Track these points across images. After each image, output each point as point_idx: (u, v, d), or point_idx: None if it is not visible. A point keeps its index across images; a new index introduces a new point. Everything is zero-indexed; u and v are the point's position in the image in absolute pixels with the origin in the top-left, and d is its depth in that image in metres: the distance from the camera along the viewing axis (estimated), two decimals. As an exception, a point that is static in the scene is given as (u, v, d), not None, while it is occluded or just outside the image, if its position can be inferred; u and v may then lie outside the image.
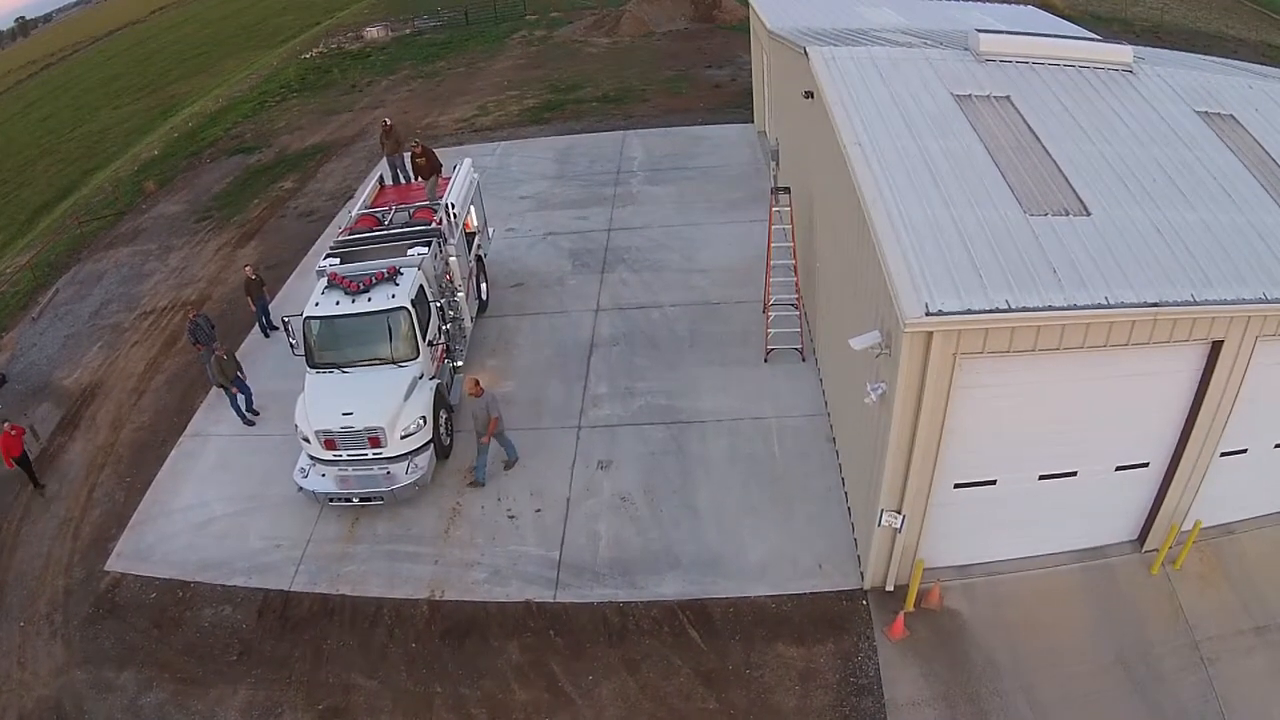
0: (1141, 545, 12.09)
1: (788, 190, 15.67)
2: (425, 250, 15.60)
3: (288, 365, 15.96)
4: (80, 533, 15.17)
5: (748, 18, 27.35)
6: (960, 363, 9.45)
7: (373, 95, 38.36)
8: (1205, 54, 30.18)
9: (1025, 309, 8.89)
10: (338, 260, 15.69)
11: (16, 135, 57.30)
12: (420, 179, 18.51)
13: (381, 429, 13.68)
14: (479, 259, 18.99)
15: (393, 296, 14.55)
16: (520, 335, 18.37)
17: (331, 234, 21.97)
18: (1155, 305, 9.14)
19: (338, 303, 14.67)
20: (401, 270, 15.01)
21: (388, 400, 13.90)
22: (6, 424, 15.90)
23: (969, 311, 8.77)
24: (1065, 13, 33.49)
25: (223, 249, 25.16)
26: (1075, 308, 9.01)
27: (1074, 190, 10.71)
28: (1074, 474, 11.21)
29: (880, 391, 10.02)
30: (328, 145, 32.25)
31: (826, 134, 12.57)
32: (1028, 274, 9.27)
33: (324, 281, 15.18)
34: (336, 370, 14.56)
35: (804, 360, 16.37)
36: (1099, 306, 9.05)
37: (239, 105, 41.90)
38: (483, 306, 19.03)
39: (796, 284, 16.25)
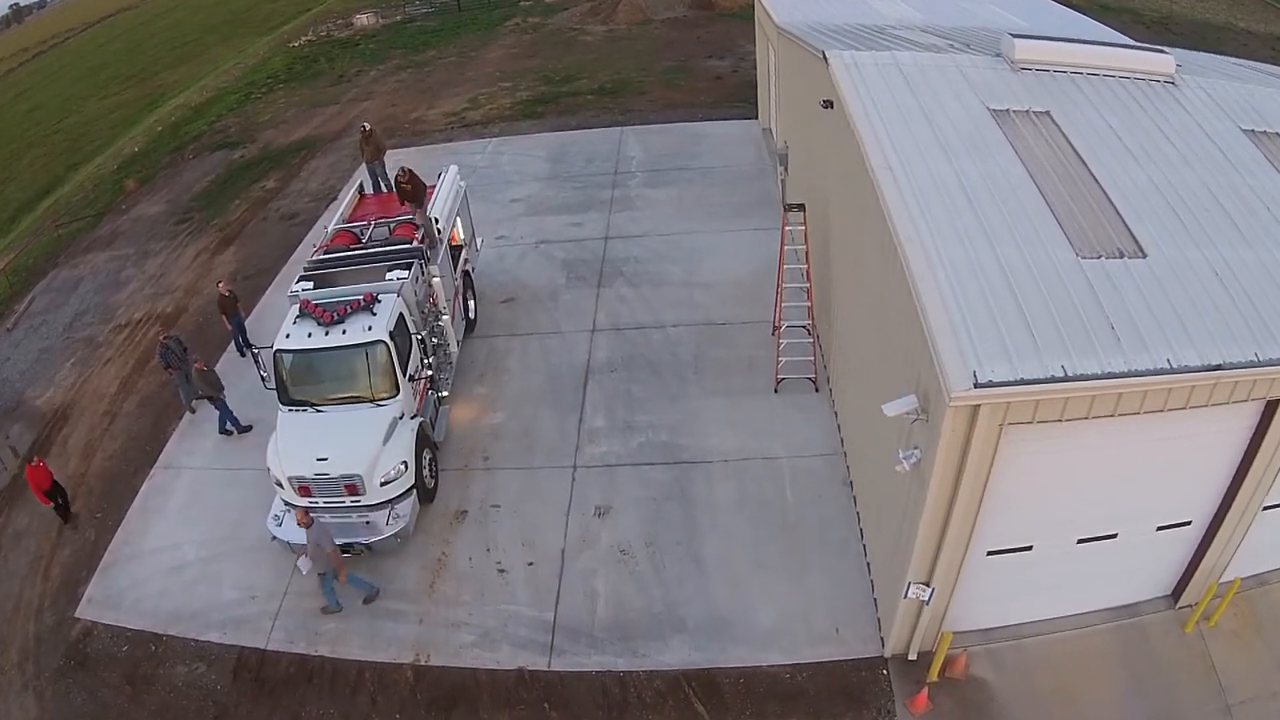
0: (1176, 601, 11.30)
1: (802, 207, 14.41)
2: (406, 274, 14.39)
3: (265, 390, 14.87)
4: (51, 573, 14.37)
5: (750, 4, 26.07)
6: (1007, 431, 8.36)
7: (361, 86, 36.98)
8: (1216, 47, 29.13)
9: (1083, 377, 7.79)
10: (310, 284, 14.50)
11: (5, 127, 55.86)
12: (406, 204, 17.13)
13: (359, 477, 12.60)
14: (466, 274, 17.80)
15: (369, 329, 13.37)
16: (510, 358, 17.23)
17: (313, 239, 20.83)
18: (1218, 368, 8.10)
19: (310, 334, 13.50)
20: (379, 297, 13.82)
21: (365, 444, 12.81)
22: (35, 458, 15.10)
23: (1022, 381, 7.67)
24: (1072, 1, 32.17)
25: (201, 255, 24.03)
26: (1136, 374, 7.93)
27: (1126, 225, 9.59)
28: (1113, 536, 10.32)
29: (914, 460, 8.91)
30: (313, 141, 31.00)
31: (849, 150, 11.45)
32: (1084, 332, 8.17)
33: (295, 309, 14.00)
34: (310, 409, 13.45)
35: (817, 391, 15.23)
36: (1161, 372, 7.99)
37: (225, 96, 40.55)
38: (470, 326, 17.86)
39: (810, 308, 15.07)
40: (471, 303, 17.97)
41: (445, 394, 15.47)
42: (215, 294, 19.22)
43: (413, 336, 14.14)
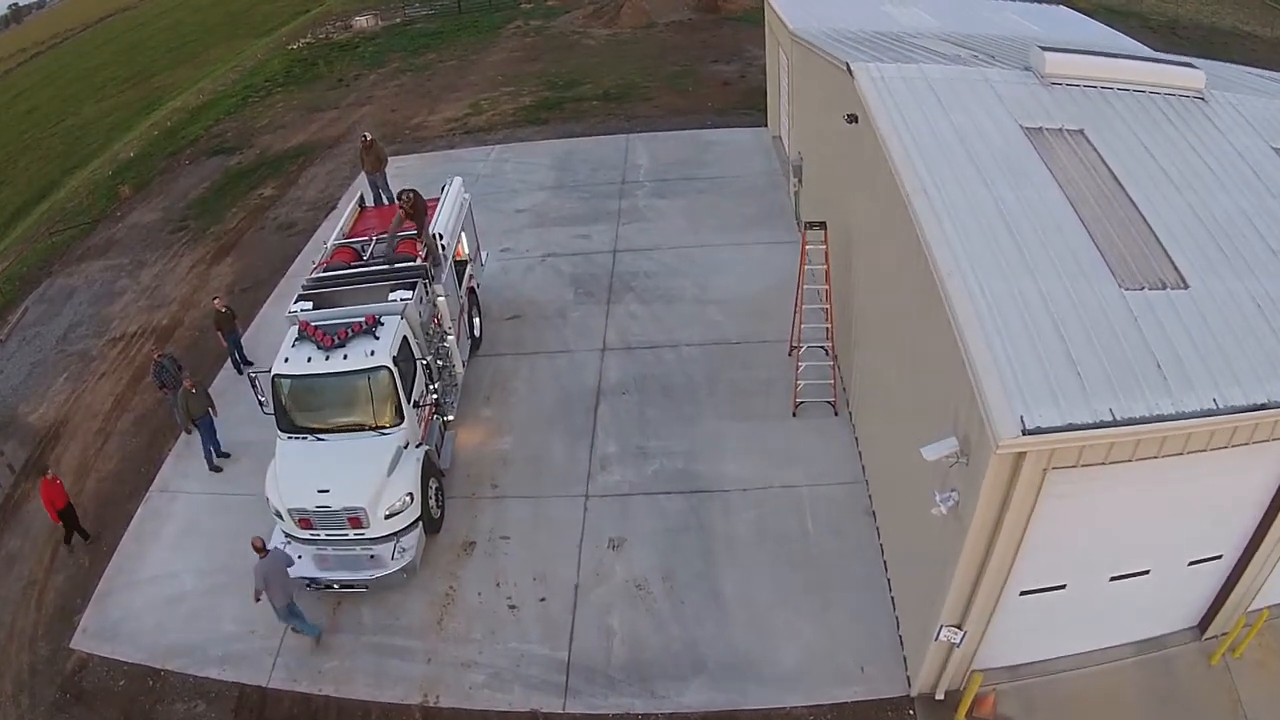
0: (1202, 633, 10.99)
1: (823, 225, 13.89)
2: (409, 294, 13.87)
3: (263, 414, 14.39)
4: (44, 600, 13.96)
5: (756, 7, 25.49)
6: (1050, 475, 7.94)
7: (360, 90, 36.44)
8: (1224, 52, 28.65)
9: (1131, 421, 7.35)
10: (309, 304, 13.94)
11: (2, 129, 55.32)
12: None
13: (363, 509, 12.11)
14: (471, 291, 17.26)
15: (371, 353, 12.85)
16: (518, 379, 16.71)
17: (312, 250, 20.37)
18: (1263, 408, 7.69)
19: (309, 359, 12.98)
20: (382, 320, 13.30)
21: (369, 475, 12.32)
22: (50, 472, 14.66)
23: (1070, 427, 7.23)
24: (1077, 3, 31.71)
25: (197, 266, 23.53)
26: (1183, 416, 7.51)
27: (1167, 254, 9.15)
28: (1146, 573, 10.00)
29: (952, 504, 8.46)
30: (311, 147, 30.47)
31: (875, 167, 11.02)
32: (1131, 372, 7.73)
33: (294, 331, 13.48)
34: (310, 436, 12.96)
35: (836, 414, 14.76)
36: (1209, 414, 7.57)
37: (222, 100, 40.00)
38: (475, 344, 17.30)
39: (830, 329, 14.59)
40: (477, 320, 17.45)
41: (451, 418, 14.97)
42: (210, 309, 18.77)
43: (417, 361, 13.65)
